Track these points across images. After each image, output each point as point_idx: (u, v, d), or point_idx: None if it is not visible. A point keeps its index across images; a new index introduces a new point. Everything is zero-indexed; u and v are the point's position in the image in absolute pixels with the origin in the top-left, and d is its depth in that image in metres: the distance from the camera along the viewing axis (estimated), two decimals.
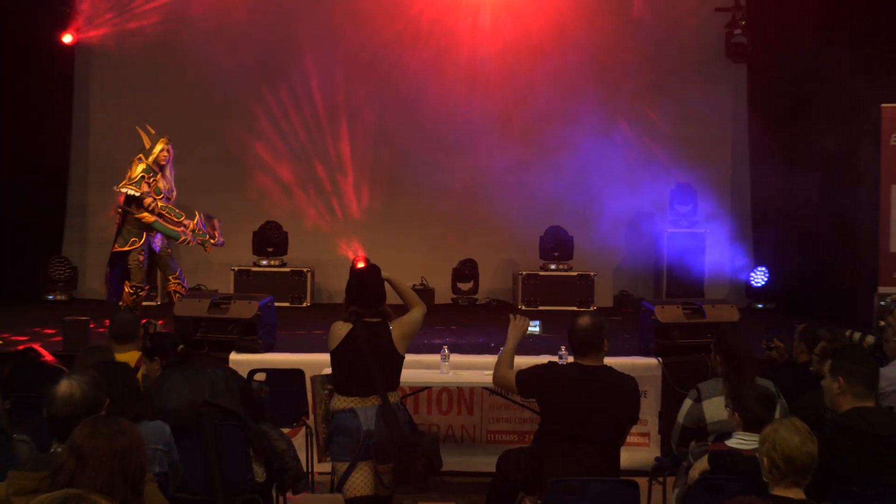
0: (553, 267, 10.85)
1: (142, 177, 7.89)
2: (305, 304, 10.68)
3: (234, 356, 6.99)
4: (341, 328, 4.94)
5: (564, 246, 10.90)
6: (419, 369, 6.59)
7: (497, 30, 11.23)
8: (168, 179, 8.07)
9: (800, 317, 8.16)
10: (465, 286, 10.99)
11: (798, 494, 3.51)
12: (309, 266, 10.84)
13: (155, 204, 7.91)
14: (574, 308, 10.27)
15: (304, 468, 5.61)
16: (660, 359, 7.05)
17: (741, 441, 4.31)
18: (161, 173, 8.02)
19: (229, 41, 10.93)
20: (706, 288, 10.70)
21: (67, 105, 11.15)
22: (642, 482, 4.92)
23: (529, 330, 5.20)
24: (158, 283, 9.75)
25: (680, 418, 5.18)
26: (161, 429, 3.98)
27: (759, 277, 10.77)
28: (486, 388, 6.77)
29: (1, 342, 7.69)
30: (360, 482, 4.81)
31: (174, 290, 8.07)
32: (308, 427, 6.29)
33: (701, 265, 10.73)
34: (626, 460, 5.07)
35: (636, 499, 4.26)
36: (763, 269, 10.76)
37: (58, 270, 10.68)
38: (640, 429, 6.88)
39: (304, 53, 11.17)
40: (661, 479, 5.51)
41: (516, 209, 11.26)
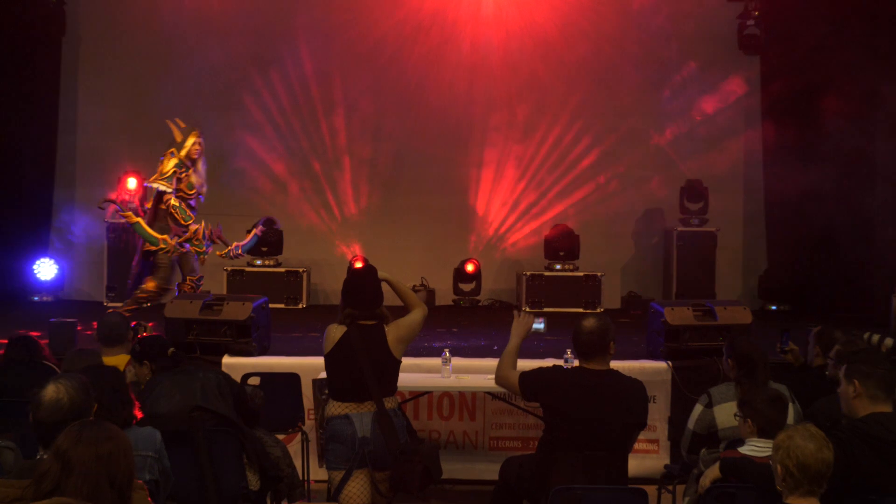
0: (558, 267, 10.85)
1: (173, 172, 7.89)
2: (301, 306, 10.68)
3: (227, 360, 6.98)
4: (336, 331, 4.95)
5: (570, 245, 10.89)
6: (419, 373, 6.58)
7: (500, 20, 11.24)
8: (200, 174, 8.08)
9: (815, 319, 8.15)
10: (467, 287, 10.99)
11: (813, 503, 3.51)
12: (305, 266, 10.84)
13: (168, 200, 7.92)
14: (580, 310, 10.29)
15: (300, 476, 5.61)
16: (669, 362, 7.04)
17: (754, 448, 4.31)
18: (193, 168, 8.03)
19: (222, 30, 10.93)
20: (717, 289, 10.70)
21: (53, 99, 11.13)
22: (651, 490, 4.91)
23: (534, 327, 5.20)
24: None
25: (690, 424, 5.18)
26: (151, 435, 3.98)
27: None
28: (489, 393, 6.77)
29: None
30: (356, 491, 4.81)
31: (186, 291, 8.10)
32: (304, 433, 6.29)
33: (712, 265, 10.72)
34: (635, 468, 5.08)
35: None
36: None
37: (44, 271, 10.69)
38: (649, 435, 6.87)
39: (300, 45, 11.16)
40: (671, 488, 5.51)
41: (520, 206, 11.28)
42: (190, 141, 8.00)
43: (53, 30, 10.94)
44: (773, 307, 10.82)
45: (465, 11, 11.25)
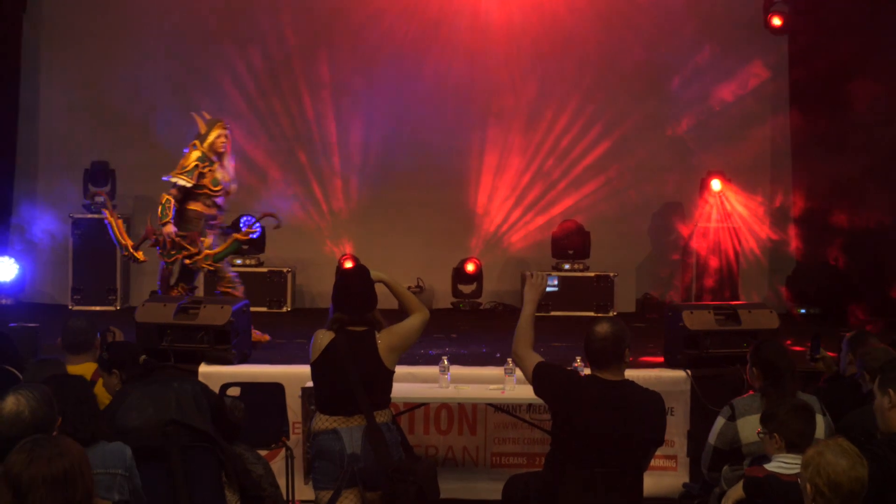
0: (567, 267, 10.85)
1: (196, 166, 7.88)
2: (285, 309, 10.69)
3: (205, 368, 6.99)
4: (323, 338, 4.95)
5: (580, 243, 10.89)
6: (415, 383, 6.59)
7: None
8: (227, 169, 8.04)
9: (849, 323, 8.16)
10: (467, 288, 10.99)
11: None
12: (289, 266, 10.85)
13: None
14: (591, 314, 10.30)
15: (284, 496, 5.62)
16: (688, 371, 7.06)
17: (782, 465, 4.31)
18: (219, 162, 8.02)
19: (195, 3, 10.92)
20: (741, 290, 10.71)
21: (14, 80, 11.08)
22: None
23: (548, 288, 5.20)
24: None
25: (711, 439, 5.19)
26: (121, 451, 3.98)
27: None
28: (491, 405, 6.78)
29: None
30: None
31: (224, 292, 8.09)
32: (288, 448, 6.30)
33: (734, 265, 10.73)
34: (651, 487, 5.08)
35: None
36: None
37: (2, 271, 10.68)
38: (667, 451, 6.89)
39: (282, 17, 11.10)
40: None
41: (525, 200, 11.27)
42: (214, 133, 7.96)
43: (13, 4, 10.91)
44: (803, 310, 10.79)
45: None
